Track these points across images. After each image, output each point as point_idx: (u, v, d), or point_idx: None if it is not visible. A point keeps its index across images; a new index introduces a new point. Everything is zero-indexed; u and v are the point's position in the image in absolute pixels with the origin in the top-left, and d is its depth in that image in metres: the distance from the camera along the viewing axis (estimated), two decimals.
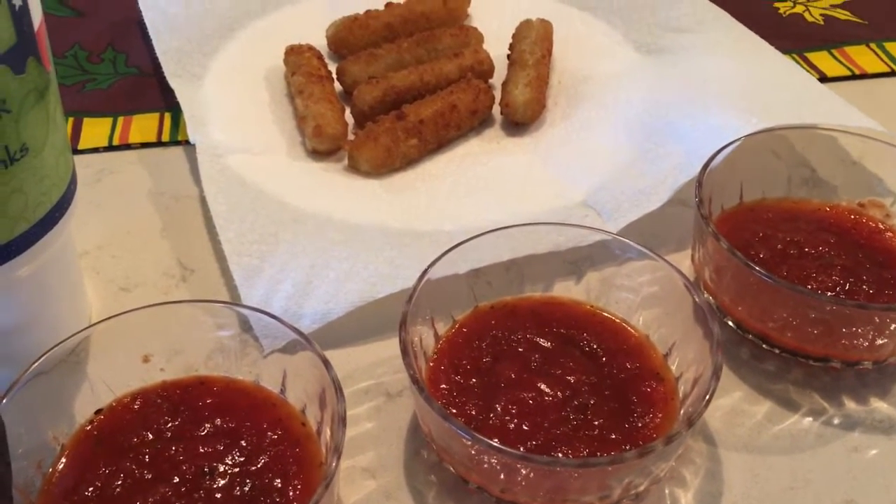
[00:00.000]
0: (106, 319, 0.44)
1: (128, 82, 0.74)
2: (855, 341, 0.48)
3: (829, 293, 0.50)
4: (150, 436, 0.43)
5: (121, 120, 0.70)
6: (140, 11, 0.77)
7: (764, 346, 0.51)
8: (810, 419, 0.49)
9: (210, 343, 0.46)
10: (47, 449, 0.42)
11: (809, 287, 0.50)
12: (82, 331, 0.44)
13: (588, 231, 0.51)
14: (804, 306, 0.48)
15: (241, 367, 0.46)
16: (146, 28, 0.75)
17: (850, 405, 0.49)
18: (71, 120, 0.69)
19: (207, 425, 0.43)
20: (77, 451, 0.42)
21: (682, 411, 0.44)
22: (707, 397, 0.42)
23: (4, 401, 0.40)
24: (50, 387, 0.43)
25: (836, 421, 0.49)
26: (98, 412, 0.44)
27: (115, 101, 0.72)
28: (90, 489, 0.40)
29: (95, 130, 0.68)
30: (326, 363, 0.42)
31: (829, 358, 0.49)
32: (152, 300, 0.47)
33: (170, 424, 0.43)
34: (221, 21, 0.77)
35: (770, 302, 0.49)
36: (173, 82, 0.69)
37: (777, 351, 0.51)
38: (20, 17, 0.38)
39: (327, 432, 0.42)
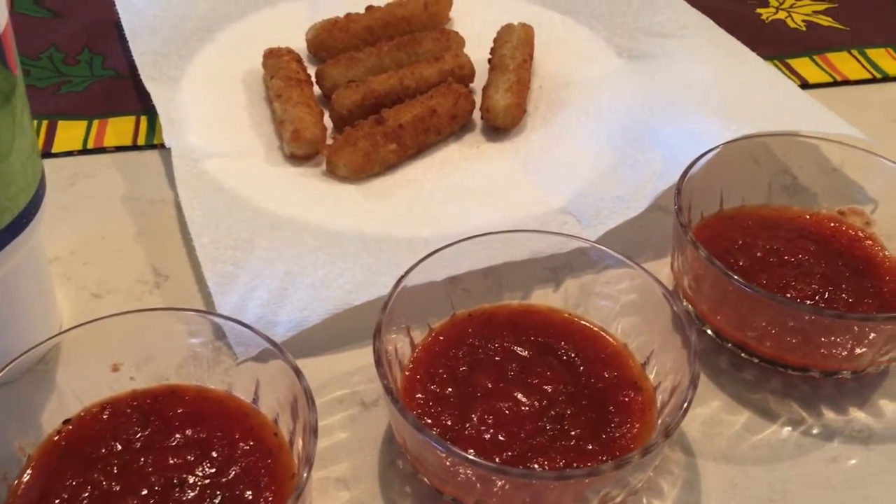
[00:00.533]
0: (76, 327, 0.43)
1: (104, 85, 0.73)
2: (834, 350, 0.48)
3: (809, 302, 0.49)
4: (119, 446, 0.42)
5: (96, 123, 0.69)
6: (117, 13, 0.76)
7: (743, 354, 0.51)
8: (789, 429, 0.48)
9: (182, 351, 0.45)
10: (13, 460, 0.41)
11: (789, 295, 0.50)
12: (51, 339, 0.43)
13: (566, 238, 0.51)
14: (783, 315, 0.47)
15: (214, 376, 0.45)
16: (123, 30, 0.74)
17: (829, 415, 0.49)
18: (45, 123, 0.68)
19: (178, 435, 0.42)
20: (44, 462, 0.41)
21: (659, 421, 0.44)
22: (684, 407, 0.41)
23: None
24: (17, 396, 0.42)
25: (814, 431, 0.48)
26: (66, 422, 0.43)
27: (91, 104, 0.71)
28: (57, 501, 0.39)
29: (70, 133, 0.67)
30: (298, 372, 0.41)
31: (808, 367, 0.49)
32: (125, 307, 0.46)
33: (139, 435, 0.42)
34: (199, 23, 0.76)
35: (749, 311, 0.48)
36: (149, 85, 0.68)
37: (756, 360, 0.50)
38: None
39: (299, 443, 0.41)
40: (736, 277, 0.47)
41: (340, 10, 0.76)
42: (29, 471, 0.41)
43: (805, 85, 0.76)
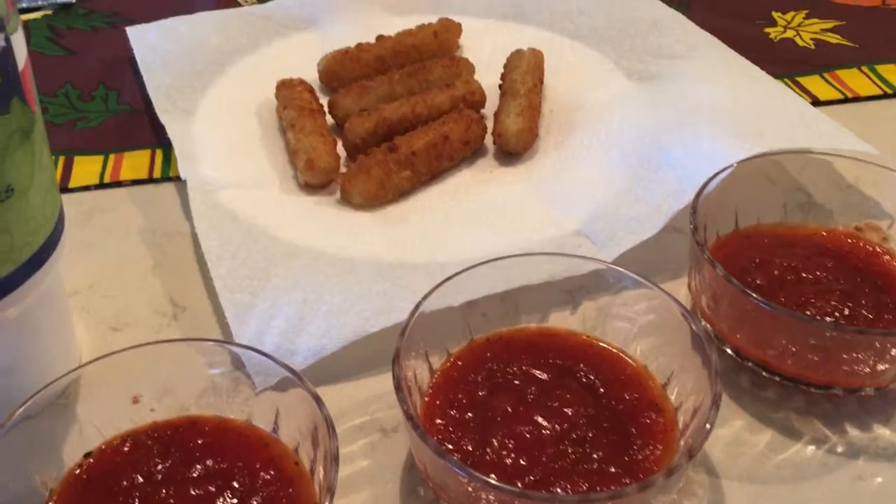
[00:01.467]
0: (95, 360, 0.44)
1: (119, 120, 0.74)
2: (856, 367, 0.47)
3: (828, 319, 0.49)
4: (141, 478, 0.42)
5: (112, 157, 0.69)
6: (131, 49, 0.77)
7: (764, 373, 0.50)
8: (813, 447, 0.48)
9: (201, 382, 0.45)
10: (35, 494, 0.41)
11: (808, 313, 0.49)
12: (71, 372, 0.43)
13: (583, 260, 0.51)
14: (803, 333, 0.47)
15: (233, 406, 0.45)
16: (137, 65, 0.75)
17: (854, 432, 0.49)
18: (62, 159, 0.69)
19: (199, 466, 0.42)
20: (66, 495, 0.41)
21: (682, 442, 0.43)
22: (707, 427, 0.41)
23: None
24: (38, 430, 0.42)
25: (839, 449, 0.48)
26: (87, 455, 0.43)
27: (107, 139, 0.72)
28: None
29: (86, 169, 0.68)
30: (318, 400, 0.41)
31: (830, 385, 0.49)
32: (143, 339, 0.46)
33: (160, 466, 0.42)
34: (212, 57, 0.77)
35: (769, 329, 0.48)
36: (164, 118, 0.68)
37: (777, 378, 0.50)
38: (4, 58, 0.38)
39: (321, 471, 0.41)
40: (755, 295, 0.47)
41: (351, 41, 0.76)
42: None
43: (816, 102, 0.76)
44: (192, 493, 0.41)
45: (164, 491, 0.41)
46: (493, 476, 0.40)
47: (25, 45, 0.41)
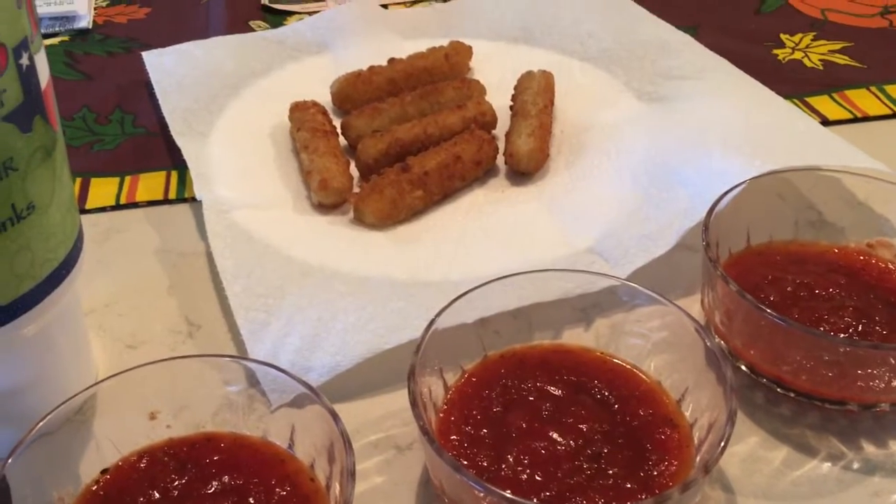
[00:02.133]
0: (112, 376, 0.44)
1: (135, 142, 0.75)
2: (871, 383, 0.47)
3: (842, 335, 0.49)
4: (157, 495, 0.42)
5: (128, 179, 0.70)
6: (147, 73, 0.78)
7: (778, 389, 0.50)
8: (829, 464, 0.48)
9: (217, 399, 0.46)
10: None
11: (822, 329, 0.49)
12: (88, 388, 0.43)
13: (596, 277, 0.51)
14: (818, 348, 0.47)
15: (249, 423, 0.45)
16: (153, 89, 0.76)
17: (870, 448, 0.48)
18: (79, 180, 0.70)
19: (215, 483, 0.42)
20: None
21: (697, 458, 0.43)
22: (723, 443, 0.41)
23: (9, 462, 0.39)
24: (56, 447, 0.42)
25: (855, 465, 0.48)
26: (104, 472, 0.43)
27: (123, 161, 0.72)
28: None
29: (103, 190, 0.69)
30: (335, 416, 0.41)
31: (845, 401, 0.49)
32: (159, 357, 0.46)
33: (177, 483, 0.42)
34: (227, 80, 0.78)
35: (783, 345, 0.48)
36: (180, 140, 0.69)
37: (792, 395, 0.50)
38: (27, 76, 0.38)
39: (336, 487, 0.41)
40: (769, 311, 0.47)
41: (363, 63, 0.77)
42: None
43: (825, 122, 0.76)
44: None
45: None
46: (509, 492, 0.40)
47: (48, 65, 0.41)
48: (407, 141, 0.68)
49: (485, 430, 0.44)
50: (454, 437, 0.44)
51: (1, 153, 0.38)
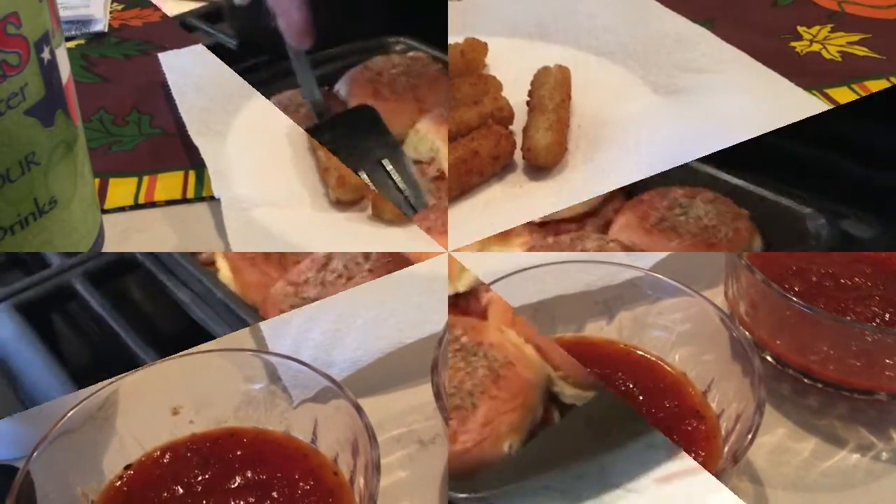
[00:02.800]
0: (134, 372, 0.44)
1: (152, 143, 0.75)
2: None
3: (870, 324, 0.48)
4: (181, 490, 0.42)
5: (146, 179, 0.70)
6: (164, 74, 0.78)
7: (806, 380, 0.49)
8: (858, 455, 0.47)
9: (239, 394, 0.45)
10: None
11: (849, 318, 0.49)
12: (110, 384, 0.43)
13: (619, 269, 0.51)
14: (845, 337, 0.46)
15: (271, 418, 0.45)
16: (170, 90, 0.76)
17: None
18: (97, 181, 0.70)
19: (238, 478, 0.42)
20: None
21: (725, 449, 0.43)
22: (751, 434, 0.40)
23: (33, 458, 0.39)
24: (79, 443, 0.42)
25: (884, 456, 0.47)
26: (127, 467, 0.43)
27: (140, 162, 0.72)
28: None
29: (121, 190, 0.69)
30: (359, 409, 0.41)
31: (874, 391, 0.48)
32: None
33: (200, 478, 0.42)
34: (243, 80, 0.78)
35: (810, 334, 0.47)
36: (197, 140, 0.69)
37: (820, 385, 0.49)
38: (49, 71, 0.38)
39: (361, 481, 0.41)
40: (795, 300, 0.46)
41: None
42: None
43: None
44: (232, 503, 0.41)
45: (203, 502, 0.41)
46: None
47: (68, 60, 0.41)
48: None
49: None
50: None
51: (23, 147, 0.38)
